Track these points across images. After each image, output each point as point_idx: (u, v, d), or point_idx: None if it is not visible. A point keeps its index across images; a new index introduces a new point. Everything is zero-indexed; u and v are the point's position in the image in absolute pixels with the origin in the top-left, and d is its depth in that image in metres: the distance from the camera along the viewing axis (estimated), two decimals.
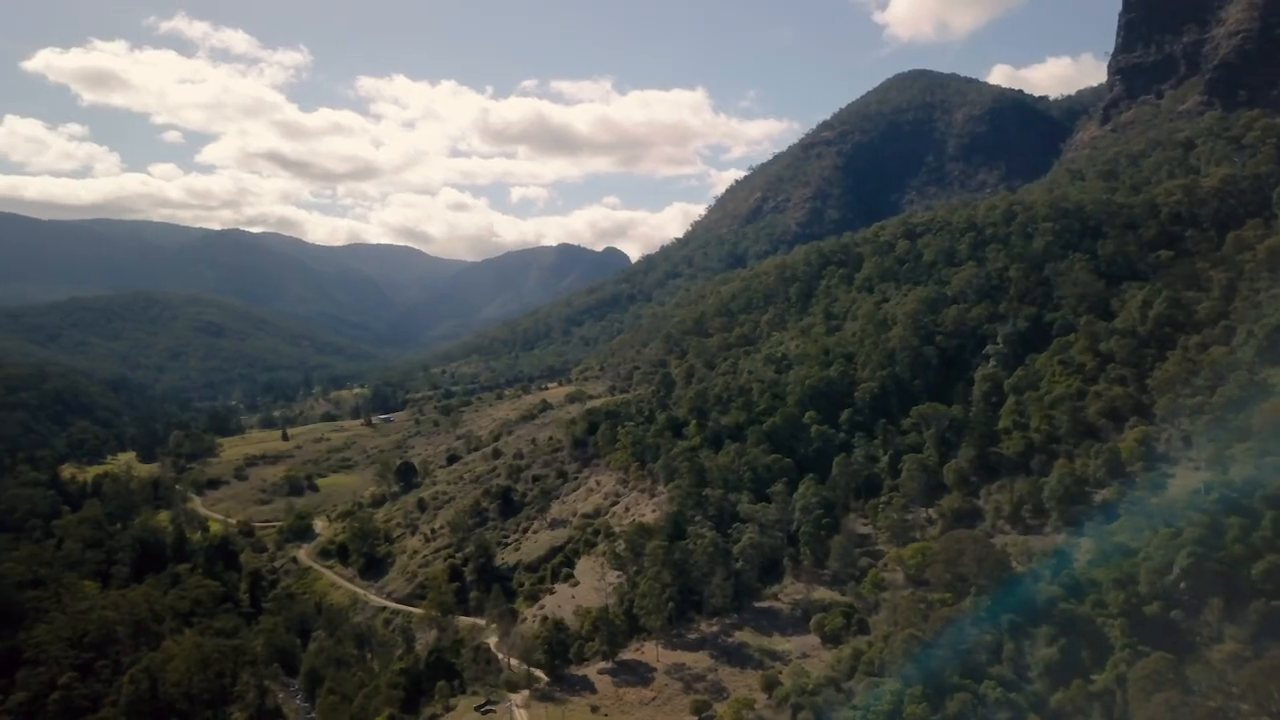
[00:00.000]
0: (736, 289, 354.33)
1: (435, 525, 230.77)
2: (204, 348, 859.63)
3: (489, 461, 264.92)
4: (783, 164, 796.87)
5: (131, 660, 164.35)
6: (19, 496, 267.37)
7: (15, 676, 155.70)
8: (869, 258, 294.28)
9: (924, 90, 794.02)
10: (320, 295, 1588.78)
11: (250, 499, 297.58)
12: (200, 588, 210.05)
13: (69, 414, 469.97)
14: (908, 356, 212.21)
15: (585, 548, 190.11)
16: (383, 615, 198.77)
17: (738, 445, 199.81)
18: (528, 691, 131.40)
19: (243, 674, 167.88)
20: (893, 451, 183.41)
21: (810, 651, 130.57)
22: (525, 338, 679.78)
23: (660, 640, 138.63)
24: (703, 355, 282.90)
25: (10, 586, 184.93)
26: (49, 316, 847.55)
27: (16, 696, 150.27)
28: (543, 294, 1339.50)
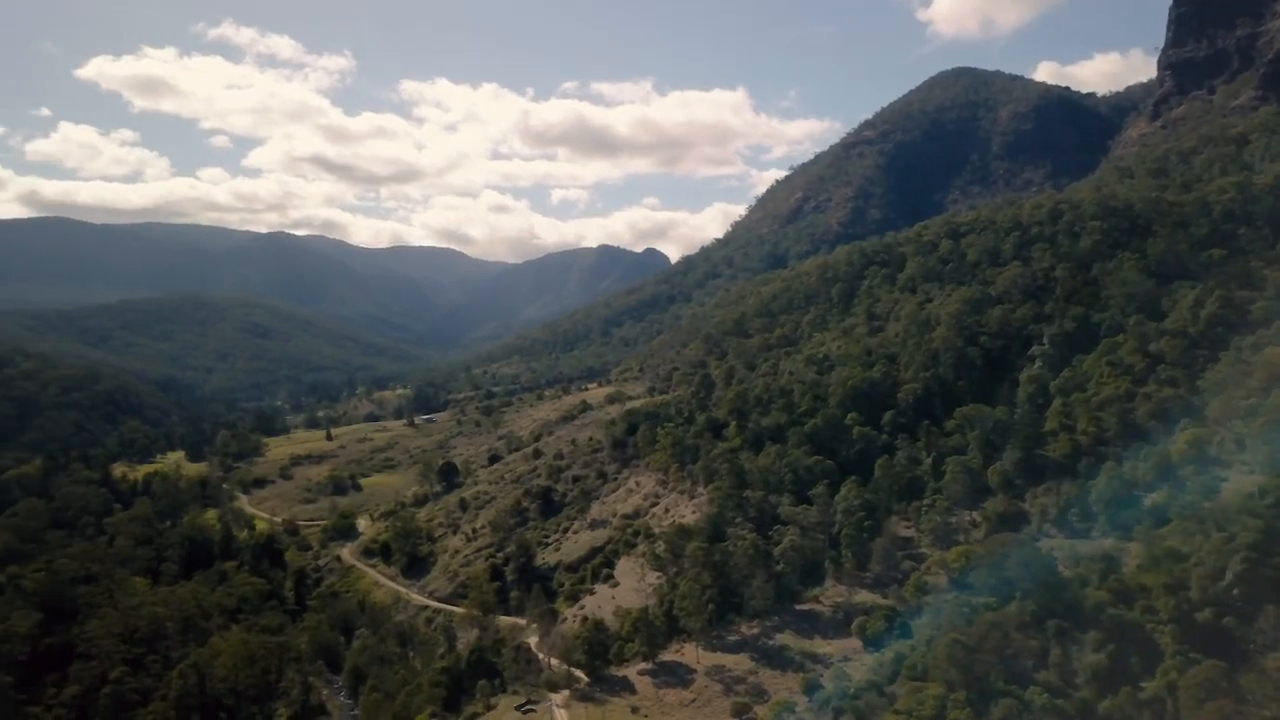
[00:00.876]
0: (777, 289, 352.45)
1: (476, 525, 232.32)
2: (250, 349, 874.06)
3: (529, 462, 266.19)
4: (824, 163, 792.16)
5: (180, 656, 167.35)
6: (73, 494, 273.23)
7: (69, 670, 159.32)
8: (912, 257, 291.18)
9: (968, 88, 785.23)
10: (364, 297, 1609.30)
11: (295, 498, 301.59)
12: (246, 585, 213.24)
13: (120, 414, 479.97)
14: (951, 357, 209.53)
15: (625, 548, 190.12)
16: (424, 614, 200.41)
17: (778, 447, 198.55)
18: (568, 691, 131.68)
19: (288, 670, 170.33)
20: (936, 453, 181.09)
21: (852, 655, 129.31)
22: (565, 339, 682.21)
23: (700, 642, 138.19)
24: (743, 356, 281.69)
25: (64, 582, 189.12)
26: (101, 318, 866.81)
27: (70, 690, 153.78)
28: (583, 295, 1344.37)
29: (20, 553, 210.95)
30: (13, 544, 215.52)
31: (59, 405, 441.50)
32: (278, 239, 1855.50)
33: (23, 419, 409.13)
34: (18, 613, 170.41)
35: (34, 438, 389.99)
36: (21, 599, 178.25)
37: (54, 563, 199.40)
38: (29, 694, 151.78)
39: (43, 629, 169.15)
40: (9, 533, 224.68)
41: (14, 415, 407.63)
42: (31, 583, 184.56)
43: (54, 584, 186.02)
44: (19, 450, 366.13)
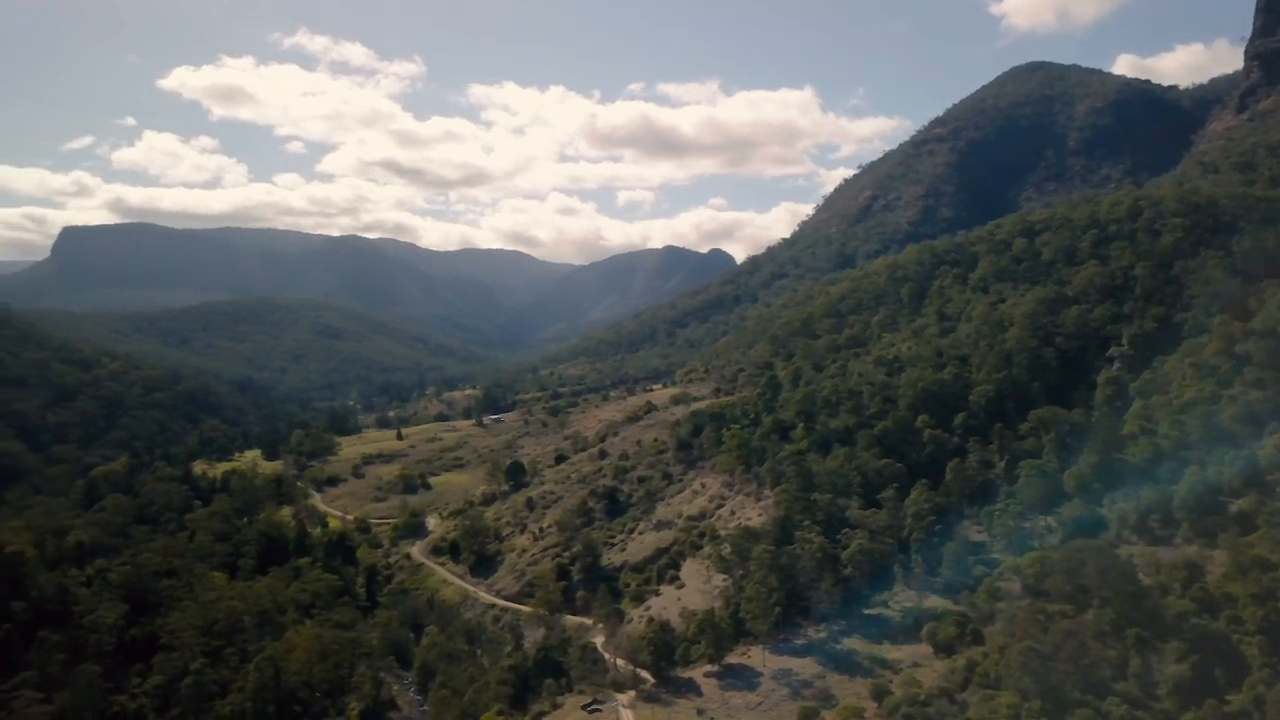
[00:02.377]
0: (846, 289, 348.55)
1: (543, 524, 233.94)
2: (323, 350, 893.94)
3: (595, 462, 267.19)
4: (893, 162, 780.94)
5: (257, 649, 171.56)
6: (156, 491, 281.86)
7: (152, 661, 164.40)
8: (984, 257, 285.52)
9: (1043, 83, 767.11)
10: (433, 299, 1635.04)
11: (367, 496, 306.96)
12: (320, 581, 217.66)
13: (200, 413, 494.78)
14: (1025, 359, 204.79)
15: (691, 550, 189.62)
16: (492, 612, 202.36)
17: (847, 449, 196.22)
18: (634, 692, 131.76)
19: (359, 666, 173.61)
20: (1009, 457, 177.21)
21: (922, 661, 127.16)
22: (630, 340, 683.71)
23: (767, 645, 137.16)
24: (810, 357, 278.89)
25: (148, 576, 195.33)
26: (182, 321, 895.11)
27: (154, 680, 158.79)
28: (648, 296, 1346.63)
29: (107, 547, 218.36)
30: (100, 539, 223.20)
31: (143, 405, 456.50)
32: (350, 242, 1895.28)
33: (110, 418, 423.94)
34: (105, 604, 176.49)
35: (120, 436, 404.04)
36: (108, 591, 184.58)
37: (139, 557, 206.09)
38: (115, 683, 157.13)
39: (128, 620, 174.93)
40: (97, 528, 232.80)
41: (102, 414, 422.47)
42: (118, 576, 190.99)
43: (138, 577, 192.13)
44: (106, 448, 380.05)
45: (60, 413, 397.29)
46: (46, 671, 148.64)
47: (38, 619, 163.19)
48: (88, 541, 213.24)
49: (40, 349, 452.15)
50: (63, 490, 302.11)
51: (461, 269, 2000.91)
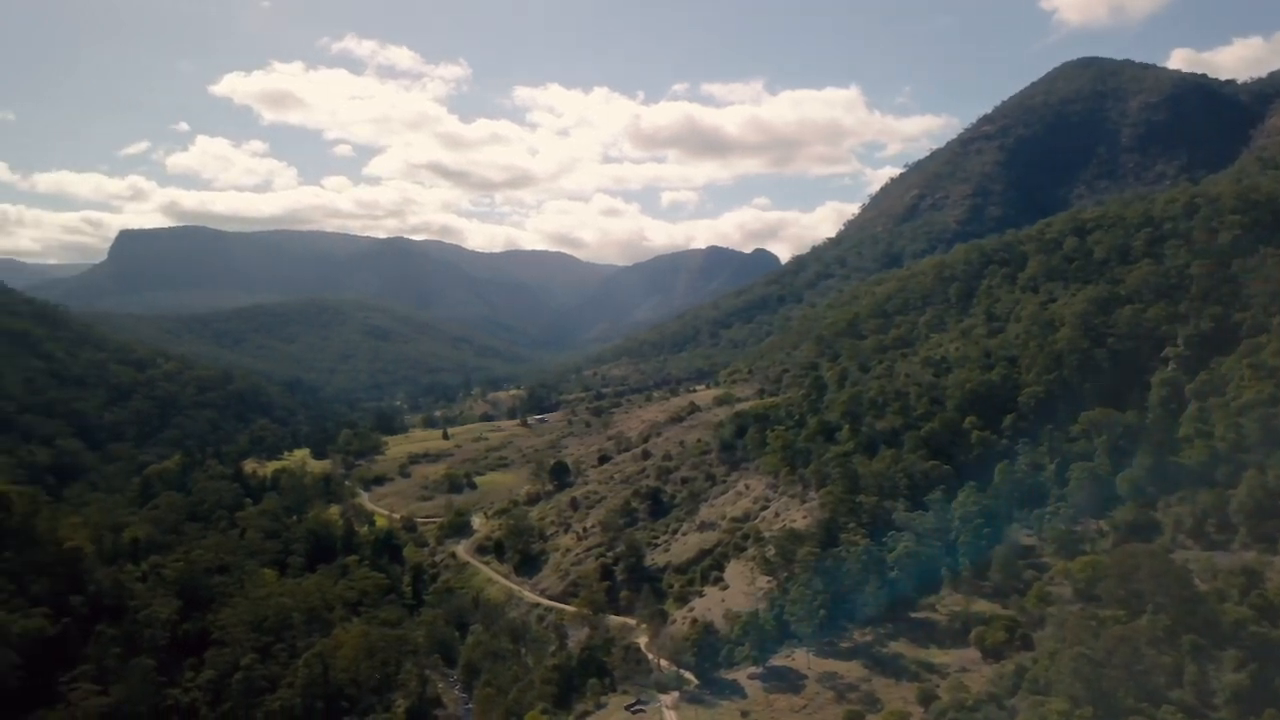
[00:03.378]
0: (892, 289, 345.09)
1: (587, 524, 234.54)
2: (371, 351, 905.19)
3: (638, 462, 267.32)
4: (941, 160, 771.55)
5: (305, 645, 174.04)
6: (208, 489, 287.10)
7: (204, 656, 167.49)
8: (1034, 256, 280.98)
9: (1095, 78, 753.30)
10: (478, 300, 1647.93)
11: (413, 495, 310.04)
12: (367, 579, 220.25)
13: (250, 413, 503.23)
14: (1076, 359, 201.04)
15: (735, 551, 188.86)
16: (536, 611, 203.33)
17: (893, 451, 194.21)
18: (677, 693, 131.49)
19: (406, 663, 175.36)
20: (1060, 459, 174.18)
21: (969, 666, 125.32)
22: (673, 340, 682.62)
23: (812, 648, 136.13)
24: (856, 357, 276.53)
25: (200, 572, 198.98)
26: (233, 322, 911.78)
27: (206, 674, 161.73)
28: (691, 296, 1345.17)
29: (161, 543, 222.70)
30: (154, 535, 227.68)
31: (196, 404, 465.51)
32: (397, 244, 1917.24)
33: (164, 417, 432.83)
34: (159, 599, 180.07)
35: (174, 435, 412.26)
36: (162, 587, 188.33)
37: (191, 553, 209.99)
38: (169, 676, 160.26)
39: (181, 616, 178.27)
40: (151, 524, 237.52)
41: (156, 414, 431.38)
42: (171, 572, 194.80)
43: (191, 573, 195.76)
44: (160, 446, 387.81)
45: (117, 412, 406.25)
46: (103, 664, 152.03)
47: (95, 613, 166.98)
48: (143, 538, 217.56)
49: (98, 350, 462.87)
50: (119, 487, 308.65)
51: (506, 270, 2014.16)
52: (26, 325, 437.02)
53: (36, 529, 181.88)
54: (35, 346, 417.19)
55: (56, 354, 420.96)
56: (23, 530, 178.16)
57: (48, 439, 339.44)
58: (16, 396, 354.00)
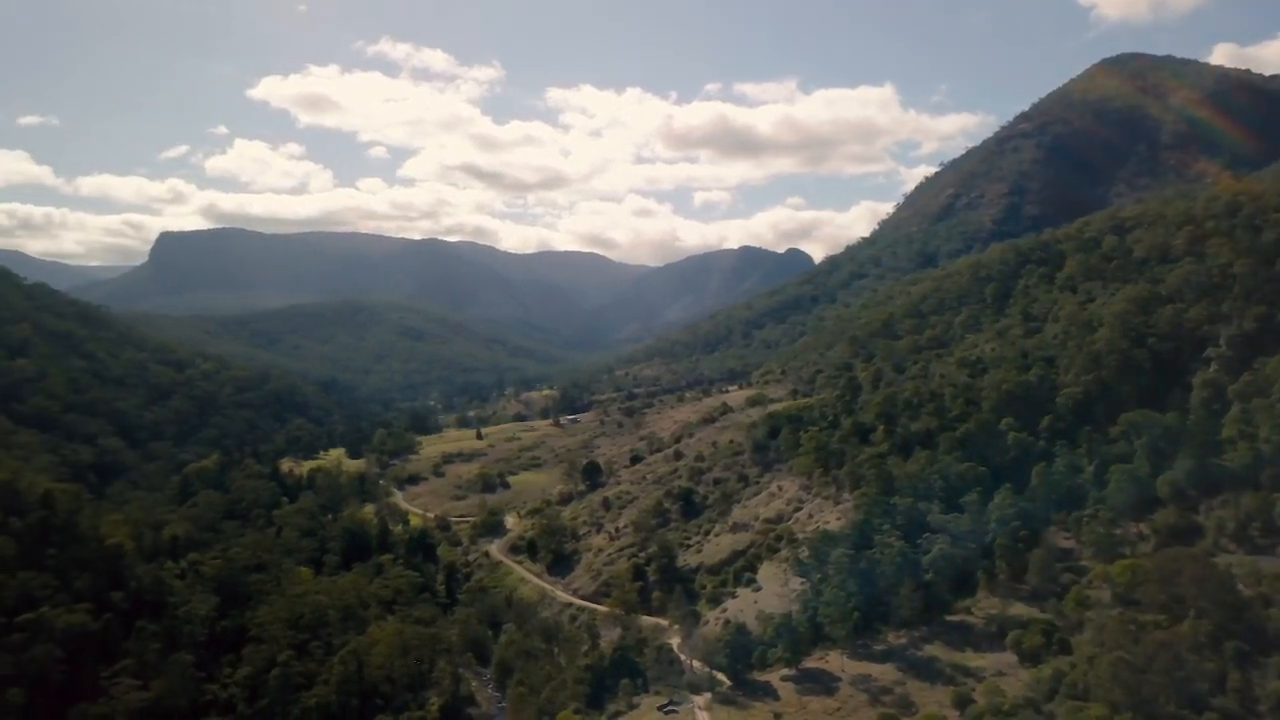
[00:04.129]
0: (927, 289, 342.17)
1: (619, 524, 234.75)
2: (405, 351, 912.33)
3: (670, 463, 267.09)
4: (977, 159, 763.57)
5: (341, 643, 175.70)
6: (245, 487, 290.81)
7: (242, 652, 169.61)
8: (1072, 255, 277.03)
9: (1135, 74, 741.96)
10: (511, 300, 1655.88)
11: (447, 495, 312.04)
12: (401, 578, 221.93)
13: (287, 412, 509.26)
14: (1116, 360, 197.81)
15: (768, 553, 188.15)
16: (569, 611, 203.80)
17: (928, 452, 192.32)
18: (709, 694, 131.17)
19: (439, 661, 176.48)
20: (1099, 461, 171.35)
21: (1006, 670, 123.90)
22: (706, 340, 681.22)
23: (845, 650, 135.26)
24: (891, 358, 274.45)
25: (238, 569, 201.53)
26: (270, 322, 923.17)
27: (243, 670, 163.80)
28: (724, 297, 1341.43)
29: (199, 541, 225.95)
30: (193, 533, 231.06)
31: (234, 404, 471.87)
32: (431, 245, 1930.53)
33: (202, 416, 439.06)
34: (197, 596, 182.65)
35: (212, 434, 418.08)
36: (201, 584, 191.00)
37: (229, 551, 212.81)
38: (208, 672, 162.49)
39: (219, 612, 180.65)
40: (190, 522, 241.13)
41: (195, 413, 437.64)
42: (209, 569, 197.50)
43: (229, 571, 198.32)
44: (199, 445, 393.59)
45: (157, 411, 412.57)
46: (144, 659, 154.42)
47: (136, 609, 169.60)
48: (182, 535, 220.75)
49: (138, 350, 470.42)
50: (159, 486, 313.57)
51: (539, 271, 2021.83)
52: (70, 326, 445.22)
53: (79, 526, 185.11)
54: (78, 347, 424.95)
55: (99, 354, 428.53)
56: (66, 527, 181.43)
57: (90, 438, 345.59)
58: (60, 396, 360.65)
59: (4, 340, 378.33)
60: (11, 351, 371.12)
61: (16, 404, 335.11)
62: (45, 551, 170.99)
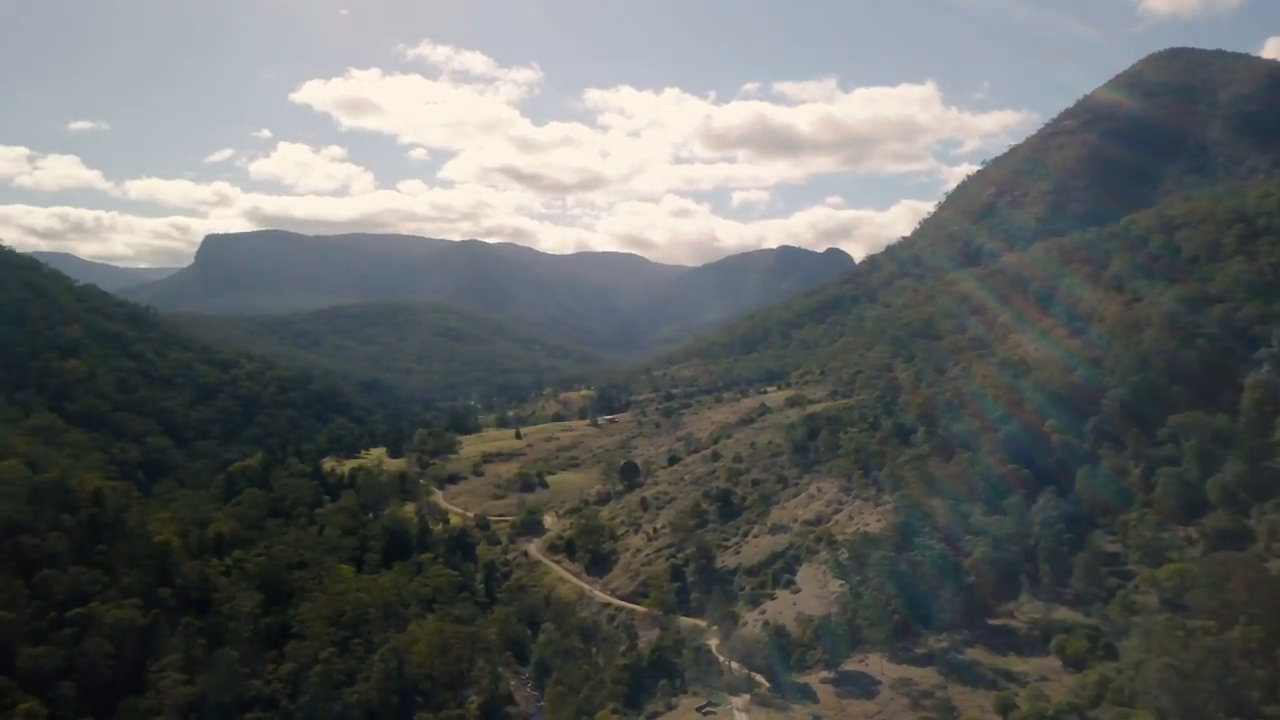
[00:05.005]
0: (969, 289, 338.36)
1: (657, 525, 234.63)
2: (446, 351, 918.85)
3: (708, 464, 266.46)
4: (1020, 156, 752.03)
5: (381, 640, 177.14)
6: (288, 486, 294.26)
7: (285, 649, 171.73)
8: (1117, 254, 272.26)
9: (1183, 69, 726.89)
10: (549, 301, 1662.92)
11: (486, 494, 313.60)
12: (441, 576, 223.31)
13: (329, 412, 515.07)
14: (1163, 360, 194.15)
15: (806, 554, 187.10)
16: (607, 611, 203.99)
17: (969, 454, 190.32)
18: (748, 696, 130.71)
19: (478, 660, 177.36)
20: (1146, 464, 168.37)
21: (1050, 675, 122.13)
22: (743, 341, 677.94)
23: (885, 653, 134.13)
24: (931, 359, 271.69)
25: (281, 567, 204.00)
26: (313, 323, 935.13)
27: (286, 667, 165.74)
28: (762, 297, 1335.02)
29: (244, 538, 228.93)
30: (238, 531, 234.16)
31: (277, 404, 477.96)
32: (470, 247, 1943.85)
33: (246, 416, 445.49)
34: (242, 593, 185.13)
35: (256, 433, 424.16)
36: (245, 581, 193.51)
37: (272, 549, 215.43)
38: (251, 668, 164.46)
39: (263, 609, 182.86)
40: (234, 520, 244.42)
41: (240, 412, 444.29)
42: (253, 566, 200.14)
43: (272, 568, 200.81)
44: (243, 444, 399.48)
45: (202, 410, 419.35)
46: (189, 655, 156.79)
47: (182, 605, 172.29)
48: (226, 533, 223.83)
49: (185, 350, 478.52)
50: (204, 484, 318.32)
51: (577, 272, 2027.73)
52: (120, 327, 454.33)
53: (128, 523, 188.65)
54: (127, 347, 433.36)
55: (146, 354, 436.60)
56: (115, 524, 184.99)
57: (138, 436, 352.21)
58: (109, 395, 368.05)
59: (56, 341, 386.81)
60: (63, 352, 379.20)
61: (68, 403, 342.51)
62: (95, 547, 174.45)
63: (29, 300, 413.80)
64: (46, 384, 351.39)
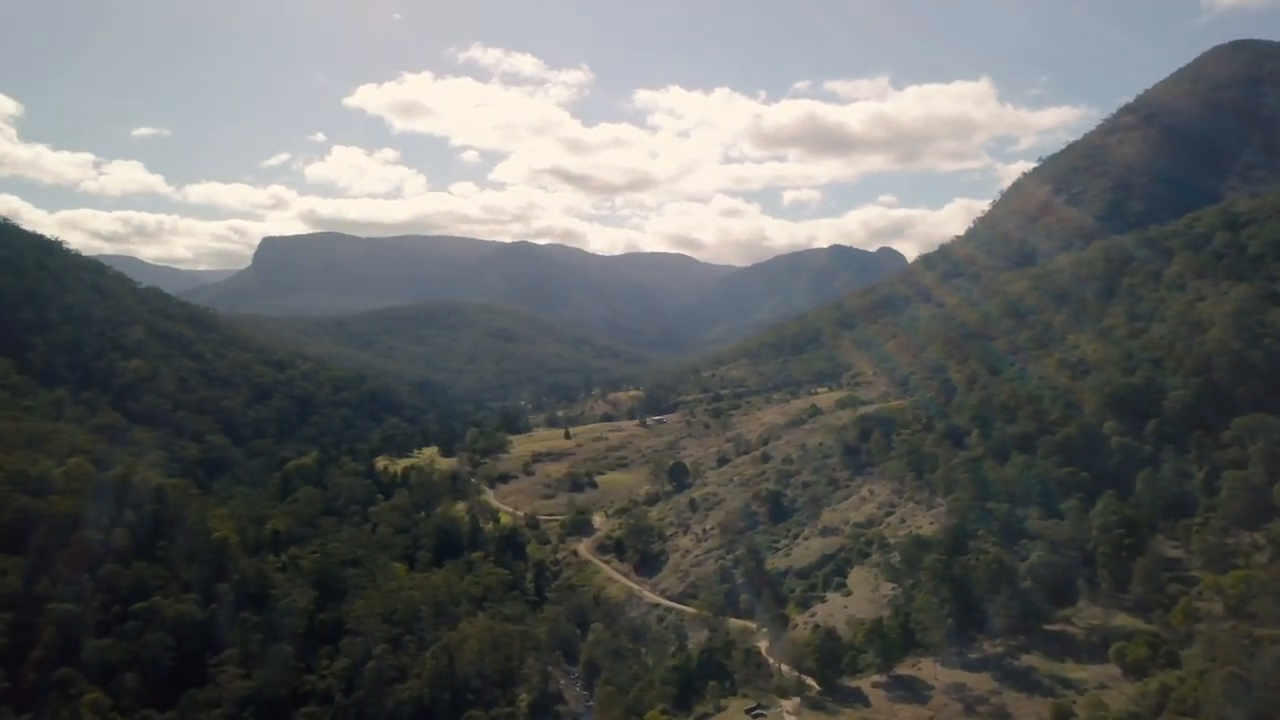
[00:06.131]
0: (1025, 288, 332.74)
1: (706, 526, 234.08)
2: (496, 352, 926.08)
3: (758, 465, 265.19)
4: (1078, 153, 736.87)
5: (433, 638, 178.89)
6: (342, 484, 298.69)
7: (339, 645, 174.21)
8: (1180, 252, 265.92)
9: (1250, 61, 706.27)
10: (598, 302, 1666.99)
11: (536, 493, 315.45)
12: (491, 575, 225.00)
13: (382, 411, 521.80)
14: (1228, 361, 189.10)
15: (858, 557, 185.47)
16: (656, 611, 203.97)
17: (1026, 457, 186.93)
18: (798, 699, 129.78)
19: (528, 658, 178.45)
20: (1209, 467, 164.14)
21: (1109, 682, 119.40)
22: (793, 341, 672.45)
23: (939, 658, 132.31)
24: (986, 360, 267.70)
25: (335, 564, 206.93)
26: (366, 324, 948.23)
27: (340, 663, 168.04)
28: (813, 297, 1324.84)
29: (299, 536, 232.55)
30: (293, 528, 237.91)
31: (331, 403, 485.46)
32: (520, 248, 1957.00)
33: (302, 415, 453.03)
34: (297, 590, 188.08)
35: (311, 432, 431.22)
36: (300, 578, 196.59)
37: (327, 546, 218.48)
38: (306, 663, 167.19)
39: (317, 606, 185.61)
40: (290, 517, 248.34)
41: (295, 411, 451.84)
42: (308, 563, 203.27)
43: (327, 565, 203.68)
44: (299, 443, 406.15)
45: (259, 409, 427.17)
46: (247, 649, 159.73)
47: (240, 600, 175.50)
48: (283, 530, 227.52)
49: (242, 351, 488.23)
50: (261, 482, 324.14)
51: (626, 272, 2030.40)
52: (180, 328, 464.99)
53: (188, 520, 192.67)
54: (188, 347, 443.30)
55: (206, 355, 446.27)
56: (176, 520, 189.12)
57: (198, 435, 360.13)
58: (171, 394, 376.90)
59: (120, 342, 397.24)
60: (127, 353, 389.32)
61: (131, 402, 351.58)
62: (157, 543, 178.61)
63: (95, 302, 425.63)
64: (111, 383, 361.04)
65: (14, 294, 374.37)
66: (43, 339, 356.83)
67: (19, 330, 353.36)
